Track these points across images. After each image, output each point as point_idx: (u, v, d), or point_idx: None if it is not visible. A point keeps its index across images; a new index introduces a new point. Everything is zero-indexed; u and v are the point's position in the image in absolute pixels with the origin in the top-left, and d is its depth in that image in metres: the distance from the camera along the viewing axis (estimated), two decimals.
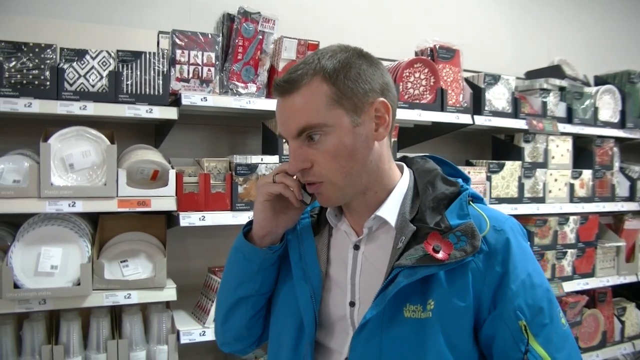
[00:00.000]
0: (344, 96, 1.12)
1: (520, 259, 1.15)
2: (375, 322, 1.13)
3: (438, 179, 1.24)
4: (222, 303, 1.37)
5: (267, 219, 1.24)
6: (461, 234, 1.13)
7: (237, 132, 2.81)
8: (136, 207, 2.16)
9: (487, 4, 3.74)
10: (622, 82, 3.67)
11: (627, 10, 4.52)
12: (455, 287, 1.12)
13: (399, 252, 1.15)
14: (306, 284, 1.24)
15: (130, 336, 2.23)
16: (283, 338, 1.28)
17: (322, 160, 1.14)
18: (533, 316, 1.12)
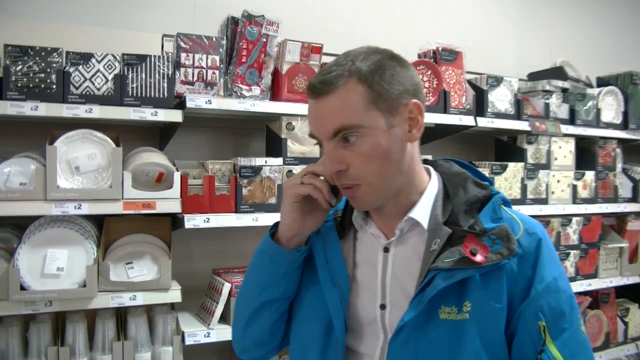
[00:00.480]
0: (380, 98, 1.12)
1: (548, 262, 1.16)
2: (412, 324, 1.13)
3: (469, 182, 1.24)
4: (244, 308, 1.35)
5: (295, 220, 1.23)
6: (496, 237, 1.13)
7: (241, 135, 2.83)
8: (141, 209, 2.17)
9: (490, 6, 3.75)
10: (625, 83, 3.67)
11: (629, 11, 4.52)
12: (492, 289, 1.13)
13: (433, 254, 1.15)
14: (335, 287, 1.22)
15: (136, 337, 2.24)
16: (309, 342, 1.27)
17: (358, 162, 1.13)
18: (553, 319, 1.13)
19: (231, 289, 2.30)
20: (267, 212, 2.38)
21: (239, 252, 2.81)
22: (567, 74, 3.54)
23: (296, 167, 2.46)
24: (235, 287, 2.30)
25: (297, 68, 2.50)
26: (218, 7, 2.69)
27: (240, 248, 2.82)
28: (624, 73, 3.70)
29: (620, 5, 4.47)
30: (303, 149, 2.49)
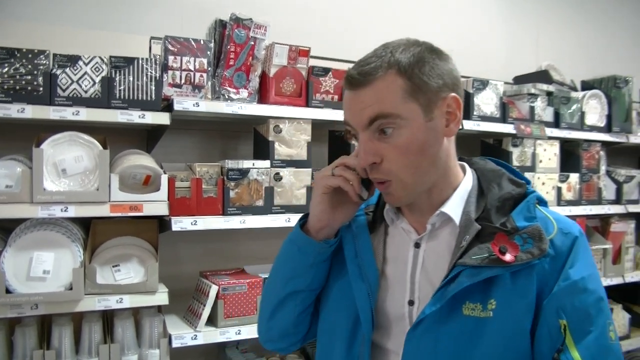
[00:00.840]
0: (419, 90, 1.10)
1: (579, 261, 1.13)
2: (432, 318, 1.11)
3: (504, 179, 1.23)
4: (269, 298, 1.35)
5: (325, 211, 1.23)
6: (528, 236, 1.11)
7: (229, 137, 2.83)
8: (128, 212, 2.17)
9: (477, 11, 3.78)
10: (608, 87, 3.72)
11: (614, 17, 4.58)
12: (519, 289, 1.10)
13: (461, 250, 1.13)
14: (363, 282, 1.21)
15: (122, 340, 2.24)
16: (336, 336, 1.26)
17: (393, 155, 1.12)
18: (577, 320, 1.09)
19: (218, 291, 2.30)
20: (255, 214, 2.39)
21: (226, 254, 2.82)
22: (552, 77, 3.58)
23: (283, 169, 2.47)
24: (222, 289, 2.31)
25: (285, 71, 2.51)
26: (206, 10, 2.70)
27: (228, 250, 2.83)
28: (608, 77, 3.75)
29: (604, 12, 4.52)
30: (290, 151, 2.50)
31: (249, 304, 2.37)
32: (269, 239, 2.91)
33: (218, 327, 2.31)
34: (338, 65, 2.78)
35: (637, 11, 4.74)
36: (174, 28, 2.60)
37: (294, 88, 2.53)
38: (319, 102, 2.57)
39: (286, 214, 2.46)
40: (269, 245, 2.93)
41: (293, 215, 2.46)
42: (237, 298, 2.35)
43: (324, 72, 2.59)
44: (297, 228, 1.27)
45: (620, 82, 3.72)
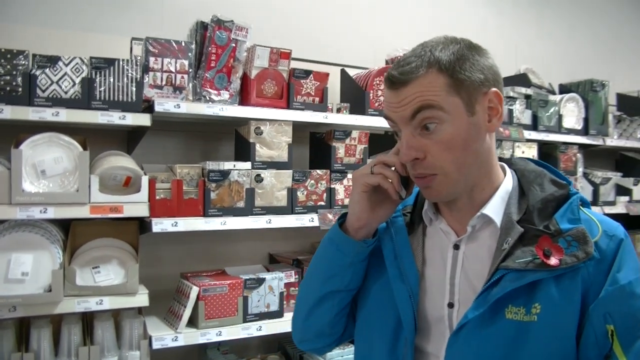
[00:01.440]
0: (461, 86, 1.09)
1: (626, 265, 1.10)
2: (475, 322, 1.10)
3: (546, 179, 1.20)
4: (306, 298, 1.33)
5: (364, 210, 1.21)
6: (572, 239, 1.08)
7: (210, 139, 2.83)
8: (108, 214, 2.17)
9: (458, 14, 3.82)
10: (585, 90, 3.79)
11: (591, 23, 4.66)
12: (564, 293, 1.08)
13: (503, 253, 1.11)
14: (403, 284, 1.20)
15: (102, 342, 2.23)
16: (376, 339, 1.25)
17: (436, 150, 1.10)
18: (626, 326, 1.06)
19: (199, 292, 2.30)
20: (235, 215, 2.39)
21: (207, 256, 2.82)
22: (531, 81, 3.64)
23: (264, 171, 2.48)
24: (203, 290, 2.31)
25: (266, 73, 2.52)
26: (187, 11, 2.70)
27: (209, 252, 2.83)
28: (585, 81, 3.82)
29: (582, 17, 4.60)
30: (271, 153, 2.51)
31: (229, 305, 2.38)
32: (249, 240, 2.93)
33: (199, 329, 2.31)
34: (319, 67, 2.81)
35: (614, 17, 4.83)
36: (155, 29, 2.60)
37: (275, 90, 2.54)
38: (300, 104, 2.58)
39: (267, 215, 2.47)
40: (250, 247, 2.95)
41: (274, 216, 2.47)
42: (217, 299, 2.35)
43: (305, 75, 2.60)
44: (336, 227, 1.26)
45: (597, 86, 3.79)
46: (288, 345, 2.88)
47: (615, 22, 4.84)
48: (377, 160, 1.21)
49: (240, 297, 2.41)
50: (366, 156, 2.77)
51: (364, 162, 2.76)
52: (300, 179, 2.58)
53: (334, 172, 2.68)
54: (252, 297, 2.44)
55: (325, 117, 2.61)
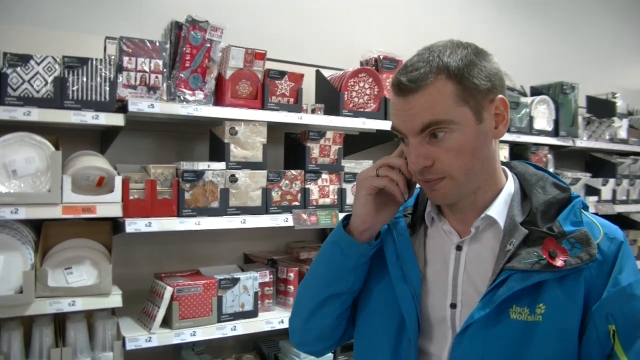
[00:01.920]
0: (469, 94, 1.10)
1: (626, 268, 1.13)
2: (480, 323, 1.11)
3: (548, 183, 1.22)
4: (307, 300, 1.33)
5: (370, 213, 1.22)
6: (575, 241, 1.11)
7: (185, 139, 2.83)
8: (81, 214, 2.15)
9: (432, 16, 3.86)
10: (556, 93, 3.86)
11: (561, 27, 4.75)
12: (568, 294, 1.10)
13: (508, 254, 1.13)
14: (406, 284, 1.21)
15: (75, 344, 2.21)
16: (378, 340, 1.26)
17: (445, 157, 1.11)
18: (626, 327, 1.09)
19: (173, 292, 2.30)
20: (210, 216, 2.39)
21: (181, 256, 2.81)
22: None
23: (239, 171, 2.48)
24: (177, 291, 2.31)
25: (241, 74, 2.52)
26: (162, 11, 2.69)
27: (183, 252, 2.82)
28: (555, 83, 3.89)
29: (553, 21, 4.69)
30: (246, 153, 2.52)
31: (204, 305, 2.38)
32: (224, 240, 2.93)
33: (173, 329, 2.31)
34: (294, 68, 2.82)
35: (584, 21, 4.93)
36: (129, 28, 2.58)
37: (249, 90, 2.55)
38: (275, 105, 2.59)
39: (241, 216, 2.47)
40: (225, 247, 2.95)
41: (248, 216, 2.48)
42: (192, 299, 2.35)
43: (280, 75, 2.61)
44: (340, 230, 1.26)
45: (567, 89, 3.87)
46: (263, 344, 2.89)
47: (586, 27, 4.95)
48: (382, 163, 1.22)
49: (215, 297, 2.41)
50: (340, 157, 2.79)
51: (338, 162, 2.78)
52: (275, 179, 2.59)
53: (309, 173, 2.70)
54: (226, 297, 2.44)
55: (299, 118, 2.62)
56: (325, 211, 2.68)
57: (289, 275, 2.66)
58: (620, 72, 5.31)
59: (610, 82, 4.99)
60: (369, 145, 3.15)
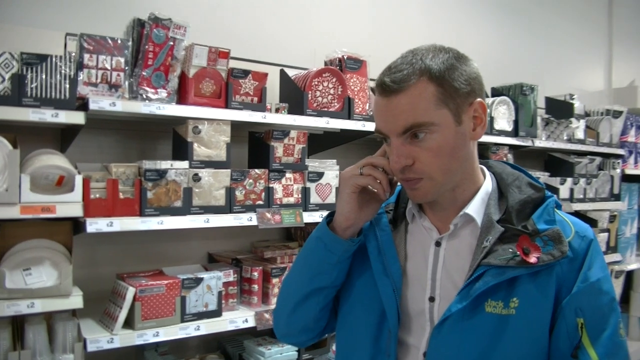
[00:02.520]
0: (450, 97, 1.16)
1: (595, 264, 1.20)
2: (457, 315, 1.17)
3: (524, 183, 1.28)
4: (291, 294, 1.38)
5: (353, 210, 1.27)
6: (548, 239, 1.17)
7: (148, 138, 2.80)
8: (40, 214, 2.11)
9: (396, 17, 3.90)
10: (516, 94, 3.95)
11: (521, 29, 4.86)
12: (540, 289, 1.16)
13: (484, 250, 1.19)
14: (387, 278, 1.26)
15: (34, 346, 2.16)
16: (360, 331, 1.31)
17: (425, 157, 1.17)
18: (593, 320, 1.16)
19: (135, 293, 2.27)
20: (173, 215, 2.37)
21: (143, 256, 2.79)
22: None
23: (202, 170, 2.47)
24: (139, 291, 2.28)
25: (205, 72, 2.51)
26: (124, 8, 2.66)
27: (145, 252, 2.79)
28: (515, 84, 3.98)
29: (513, 24, 4.79)
30: (209, 152, 2.51)
31: (167, 305, 2.36)
32: (188, 240, 2.91)
33: (135, 330, 2.28)
34: (258, 67, 2.82)
35: (543, 25, 5.05)
36: (90, 25, 2.53)
37: (213, 89, 2.54)
38: (239, 104, 2.59)
39: (205, 215, 2.46)
40: (189, 246, 2.94)
41: (212, 215, 2.47)
42: (154, 300, 2.33)
43: (243, 74, 2.61)
44: (324, 226, 1.31)
45: (527, 90, 3.96)
46: (227, 344, 2.88)
47: (545, 30, 5.07)
48: (365, 162, 1.27)
49: (178, 297, 2.39)
50: (304, 156, 2.80)
51: (302, 161, 2.79)
52: (239, 178, 2.58)
53: (273, 172, 2.70)
54: (190, 297, 2.43)
55: (263, 117, 2.62)
56: (289, 210, 2.69)
57: (253, 274, 2.66)
58: (577, 75, 5.46)
59: (568, 84, 5.14)
60: (333, 144, 3.17)
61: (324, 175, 2.85)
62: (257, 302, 2.67)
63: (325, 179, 2.85)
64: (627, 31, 5.90)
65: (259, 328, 2.57)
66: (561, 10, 5.24)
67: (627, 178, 4.99)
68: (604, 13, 5.76)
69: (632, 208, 5.11)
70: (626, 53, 5.91)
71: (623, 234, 4.92)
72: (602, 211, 4.58)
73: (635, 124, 5.13)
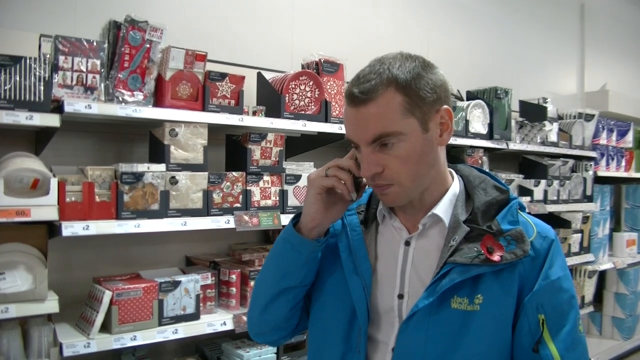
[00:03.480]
0: (416, 105, 1.19)
1: (556, 263, 1.25)
2: (424, 311, 1.21)
3: (489, 185, 1.33)
4: (262, 294, 1.41)
5: (318, 211, 1.30)
6: (511, 238, 1.22)
7: (124, 141, 2.78)
8: (14, 217, 2.08)
9: (374, 19, 3.93)
10: (490, 97, 4.01)
11: (495, 34, 4.93)
12: (504, 286, 1.21)
13: (451, 249, 1.23)
14: (357, 276, 1.30)
15: (8, 352, 2.14)
16: (331, 329, 1.34)
17: (394, 164, 1.21)
18: (553, 316, 1.22)
19: (112, 296, 2.25)
20: (150, 218, 2.36)
21: (120, 259, 2.76)
22: None
23: (179, 173, 2.46)
24: (116, 295, 2.27)
25: (181, 75, 2.51)
26: (100, 10, 2.64)
27: (122, 255, 2.77)
28: (490, 88, 4.04)
29: (488, 28, 4.85)
30: (186, 155, 2.50)
31: (144, 309, 2.35)
32: (165, 243, 2.90)
33: (112, 334, 2.27)
34: (235, 70, 2.82)
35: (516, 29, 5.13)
36: (66, 26, 2.52)
37: (190, 92, 2.54)
38: (216, 107, 2.59)
39: (182, 218, 2.45)
40: (166, 250, 2.92)
41: (189, 218, 2.46)
42: (132, 303, 2.31)
43: (220, 77, 2.61)
44: (290, 228, 1.34)
45: (501, 93, 4.02)
46: (205, 347, 2.87)
47: (518, 35, 5.14)
48: (332, 164, 1.31)
49: (156, 300, 2.38)
50: (282, 159, 2.81)
51: (279, 164, 2.80)
52: (216, 181, 2.58)
53: (250, 174, 2.71)
54: (167, 300, 2.42)
55: (241, 120, 2.63)
56: (267, 213, 2.69)
57: (231, 277, 2.66)
58: (551, 79, 5.55)
59: (541, 88, 5.23)
60: (310, 147, 3.18)
61: (302, 178, 2.86)
62: (235, 304, 2.66)
63: (303, 182, 2.86)
64: (598, 36, 6.02)
65: (238, 331, 2.57)
66: (534, 16, 5.32)
67: (599, 180, 5.09)
68: (577, 18, 5.87)
69: (605, 209, 5.22)
70: (598, 58, 6.03)
71: (596, 234, 5.01)
72: (575, 212, 4.66)
73: (606, 127, 5.24)
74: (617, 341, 5.21)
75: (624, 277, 5.28)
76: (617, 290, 5.30)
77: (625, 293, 5.27)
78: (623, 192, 5.63)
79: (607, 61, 6.18)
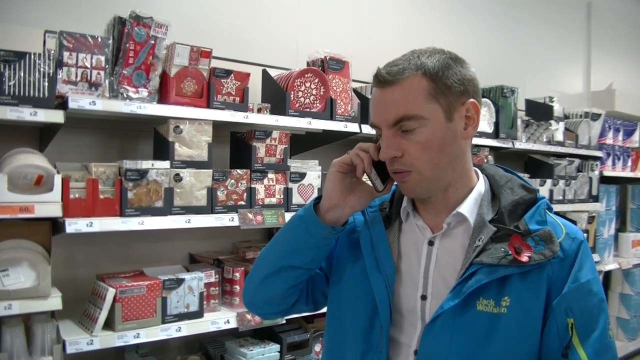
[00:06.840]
0: (442, 93, 1.19)
1: (585, 266, 1.21)
2: (449, 313, 1.18)
3: (516, 184, 1.30)
4: (264, 265, 1.39)
5: (336, 190, 1.29)
6: (540, 239, 1.19)
7: (128, 137, 2.77)
8: (18, 214, 2.08)
9: (379, 17, 3.91)
10: (496, 96, 3.98)
11: (502, 33, 4.90)
12: (532, 288, 1.18)
13: (477, 249, 1.20)
14: (380, 274, 1.27)
15: (11, 349, 2.14)
16: (350, 326, 1.32)
17: (414, 150, 1.20)
18: (583, 320, 1.18)
19: (115, 294, 2.25)
20: (154, 215, 2.35)
21: (124, 256, 2.76)
22: None
23: (183, 170, 2.45)
24: (119, 292, 2.26)
25: (186, 72, 2.49)
26: (105, 6, 2.63)
27: (126, 252, 2.77)
28: (496, 87, 4.01)
29: (496, 26, 4.83)
30: (191, 152, 2.49)
31: (147, 306, 2.34)
32: (169, 240, 2.89)
33: (115, 331, 2.26)
34: (240, 67, 2.81)
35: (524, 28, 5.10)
36: (70, 22, 2.51)
37: (195, 89, 2.53)
38: (221, 104, 2.57)
39: (186, 215, 2.44)
40: (170, 247, 2.92)
41: (193, 216, 2.45)
42: (135, 301, 2.31)
43: (225, 74, 2.60)
44: (310, 206, 1.33)
45: (507, 92, 3.99)
46: (209, 345, 2.87)
47: (525, 33, 5.12)
48: (356, 146, 1.31)
49: (159, 297, 2.37)
50: (287, 156, 2.80)
51: (284, 162, 2.79)
52: (221, 179, 2.57)
53: (255, 172, 2.69)
54: (171, 298, 2.41)
55: (245, 117, 2.61)
56: (271, 211, 2.68)
57: (235, 275, 2.65)
58: (557, 78, 5.52)
59: (547, 87, 5.20)
60: (315, 145, 3.17)
61: (306, 176, 2.84)
62: (238, 302, 2.65)
63: (308, 180, 2.85)
64: (605, 35, 5.99)
65: (241, 329, 2.56)
66: (541, 15, 5.29)
67: (605, 180, 5.06)
68: (583, 17, 5.84)
69: (610, 209, 5.19)
70: (604, 57, 5.99)
71: (601, 234, 4.98)
72: (581, 212, 4.63)
73: (613, 127, 5.20)
74: (622, 342, 5.19)
75: (629, 278, 5.26)
76: (622, 291, 5.28)
77: (630, 294, 5.25)
78: (629, 192, 5.59)
79: (614, 60, 6.14)
